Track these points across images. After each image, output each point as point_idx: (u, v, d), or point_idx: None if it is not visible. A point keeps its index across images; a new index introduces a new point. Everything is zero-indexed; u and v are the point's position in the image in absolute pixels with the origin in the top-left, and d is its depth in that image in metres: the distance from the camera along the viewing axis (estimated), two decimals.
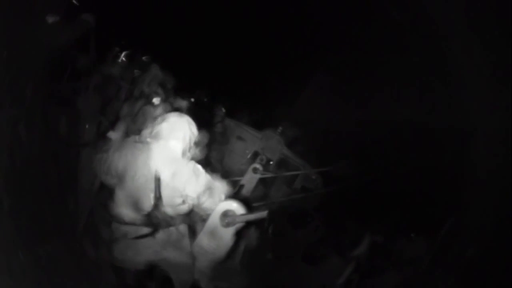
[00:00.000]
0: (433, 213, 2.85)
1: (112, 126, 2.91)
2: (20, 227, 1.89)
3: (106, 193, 2.38)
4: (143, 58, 3.42)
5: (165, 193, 2.10)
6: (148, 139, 2.16)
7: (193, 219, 2.42)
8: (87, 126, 2.87)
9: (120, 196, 2.21)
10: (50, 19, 2.54)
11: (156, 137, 2.14)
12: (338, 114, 4.08)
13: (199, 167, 2.19)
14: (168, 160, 2.11)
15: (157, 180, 2.08)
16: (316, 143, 3.91)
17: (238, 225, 2.19)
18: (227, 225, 2.16)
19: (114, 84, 3.15)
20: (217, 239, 2.19)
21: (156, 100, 2.94)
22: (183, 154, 2.18)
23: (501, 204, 2.08)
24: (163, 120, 2.19)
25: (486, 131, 2.34)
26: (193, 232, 2.36)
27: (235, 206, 2.18)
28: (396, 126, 3.36)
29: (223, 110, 3.89)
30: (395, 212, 3.27)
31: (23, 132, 2.27)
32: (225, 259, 2.30)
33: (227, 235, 2.19)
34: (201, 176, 2.16)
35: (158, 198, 2.11)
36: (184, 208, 2.20)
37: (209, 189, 2.24)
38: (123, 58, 3.21)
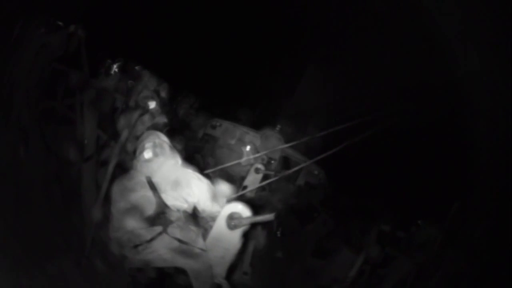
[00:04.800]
0: (439, 199, 2.85)
1: (111, 139, 2.91)
2: (27, 246, 1.90)
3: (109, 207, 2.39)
4: (136, 68, 3.41)
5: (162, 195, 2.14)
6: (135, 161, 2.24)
7: (199, 224, 2.42)
8: (86, 142, 2.87)
9: (122, 210, 2.23)
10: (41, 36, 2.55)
11: (137, 155, 2.22)
12: (335, 101, 4.08)
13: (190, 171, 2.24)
14: (152, 167, 2.17)
15: (151, 185, 2.14)
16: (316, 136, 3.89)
17: (245, 227, 2.20)
18: (234, 227, 2.16)
19: (109, 97, 3.14)
20: (225, 242, 2.19)
21: (151, 104, 2.95)
22: (156, 157, 2.20)
23: (506, 183, 2.07)
24: (141, 141, 2.28)
25: (486, 111, 2.33)
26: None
27: (241, 208, 2.18)
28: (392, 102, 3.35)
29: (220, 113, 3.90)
30: (401, 200, 3.27)
31: (22, 153, 2.28)
32: (235, 261, 2.30)
33: (235, 237, 2.19)
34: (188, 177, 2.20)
35: (158, 199, 2.14)
36: (185, 206, 2.20)
37: (212, 193, 2.25)
38: (116, 70, 3.20)
